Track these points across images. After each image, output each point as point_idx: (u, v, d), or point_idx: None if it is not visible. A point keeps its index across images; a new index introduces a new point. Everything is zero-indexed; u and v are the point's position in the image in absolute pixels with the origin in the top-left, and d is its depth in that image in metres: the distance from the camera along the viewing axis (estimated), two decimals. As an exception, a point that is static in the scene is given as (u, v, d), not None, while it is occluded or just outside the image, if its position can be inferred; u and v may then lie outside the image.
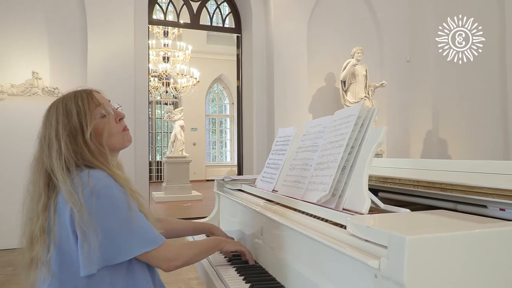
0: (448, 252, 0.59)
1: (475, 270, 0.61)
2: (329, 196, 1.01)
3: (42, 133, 1.03)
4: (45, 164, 1.00)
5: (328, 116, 1.26)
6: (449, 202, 1.14)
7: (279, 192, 1.37)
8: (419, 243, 0.58)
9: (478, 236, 0.62)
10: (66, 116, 1.01)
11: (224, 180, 1.80)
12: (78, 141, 1.00)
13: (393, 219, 0.82)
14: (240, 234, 1.61)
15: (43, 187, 0.99)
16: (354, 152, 1.02)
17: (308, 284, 0.94)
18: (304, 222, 1.00)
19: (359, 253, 0.70)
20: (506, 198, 0.94)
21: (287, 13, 5.86)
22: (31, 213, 1.02)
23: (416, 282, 0.57)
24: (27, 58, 4.65)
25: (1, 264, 3.66)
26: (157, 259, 0.99)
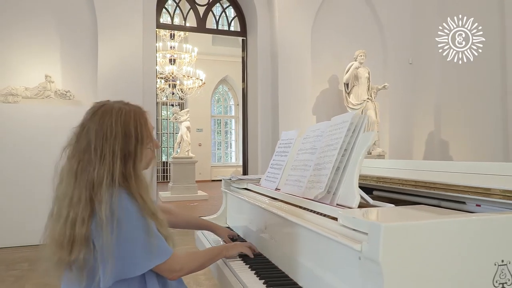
0: (416, 237, 0.73)
1: (438, 252, 0.74)
2: (324, 193, 1.15)
3: (94, 142, 1.07)
4: (92, 176, 1.04)
5: (326, 121, 1.39)
6: (434, 199, 1.27)
7: (281, 190, 1.51)
8: (392, 230, 0.71)
9: (439, 224, 0.75)
10: (124, 136, 1.08)
11: (231, 180, 1.94)
12: (129, 166, 1.07)
13: (376, 212, 0.95)
14: (246, 229, 1.75)
15: (89, 197, 1.03)
16: (347, 154, 1.15)
17: (307, 270, 1.07)
18: (303, 216, 1.13)
19: (347, 239, 0.83)
20: (481, 195, 1.06)
21: (292, 16, 5.99)
22: (73, 216, 1.02)
23: (389, 261, 0.70)
24: (39, 62, 4.82)
25: (17, 260, 3.82)
26: (163, 270, 1.10)
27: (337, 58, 6.23)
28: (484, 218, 0.80)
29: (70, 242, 1.01)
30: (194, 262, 1.21)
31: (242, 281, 1.17)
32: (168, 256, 1.09)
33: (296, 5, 6.01)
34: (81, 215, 1.00)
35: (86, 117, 1.13)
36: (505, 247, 0.79)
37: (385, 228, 0.71)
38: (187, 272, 1.19)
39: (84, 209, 1.01)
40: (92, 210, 1.01)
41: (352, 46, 6.12)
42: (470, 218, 0.79)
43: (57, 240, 1.03)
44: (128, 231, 1.02)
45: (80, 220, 1.00)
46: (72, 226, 1.00)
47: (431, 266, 0.74)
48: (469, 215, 0.84)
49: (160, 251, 1.07)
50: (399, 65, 6.56)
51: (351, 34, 6.36)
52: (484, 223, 0.78)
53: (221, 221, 2.06)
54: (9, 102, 4.53)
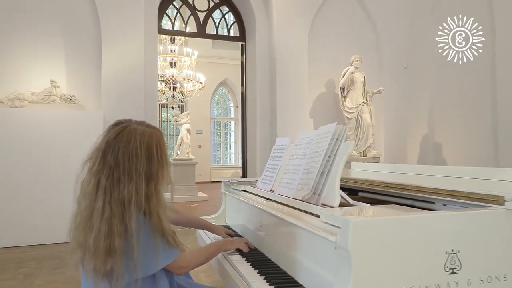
0: (379, 231, 0.89)
1: (398, 243, 0.91)
2: (311, 194, 1.32)
3: (122, 163, 1.18)
4: (123, 194, 1.15)
5: (315, 130, 1.56)
6: (409, 200, 1.44)
7: (275, 192, 1.68)
8: (359, 224, 0.88)
9: (398, 220, 0.92)
10: (147, 158, 1.20)
11: (230, 182, 2.11)
12: (151, 187, 1.20)
13: (351, 210, 1.12)
14: (243, 227, 1.92)
15: (121, 213, 1.14)
16: (331, 160, 1.32)
17: (295, 260, 1.24)
18: (292, 215, 1.30)
19: (326, 233, 1.00)
20: (445, 196, 1.23)
21: (289, 22, 6.16)
22: (107, 229, 1.12)
23: (356, 250, 0.87)
24: (45, 67, 4.98)
25: (26, 259, 3.98)
26: (172, 267, 1.27)
27: (334, 62, 6.40)
28: (436, 215, 0.97)
29: (106, 252, 1.11)
30: (198, 258, 1.39)
31: (240, 271, 1.34)
32: (175, 257, 1.25)
33: (293, 11, 6.18)
34: (118, 229, 1.12)
35: (111, 136, 1.23)
36: (454, 238, 0.95)
37: (353, 223, 0.88)
38: (194, 266, 1.36)
39: (119, 223, 1.13)
40: (125, 225, 1.13)
41: (348, 51, 6.29)
42: (424, 215, 0.96)
43: (91, 249, 1.13)
44: (145, 242, 1.16)
45: (117, 233, 1.12)
46: (106, 238, 1.11)
47: (392, 254, 0.90)
48: (426, 212, 1.01)
49: (169, 254, 1.24)
50: (394, 70, 6.73)
51: (347, 40, 6.54)
52: (436, 219, 0.95)
53: (221, 220, 2.23)
54: (16, 106, 4.69)
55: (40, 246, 4.46)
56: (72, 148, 4.63)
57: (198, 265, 1.40)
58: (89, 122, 4.82)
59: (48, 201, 4.53)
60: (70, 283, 3.22)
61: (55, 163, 4.59)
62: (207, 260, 1.45)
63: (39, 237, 4.50)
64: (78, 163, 3.90)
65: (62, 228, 4.45)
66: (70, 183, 3.88)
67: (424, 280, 0.92)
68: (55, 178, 4.56)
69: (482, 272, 0.98)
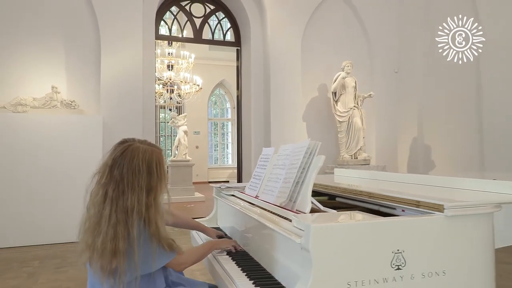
0: (336, 234, 1.08)
1: (352, 244, 1.10)
2: (287, 201, 1.51)
3: (126, 177, 1.36)
4: (127, 204, 1.33)
5: (294, 143, 1.75)
6: (375, 205, 1.63)
7: (259, 198, 1.87)
8: (318, 228, 1.07)
9: (351, 225, 1.11)
10: (148, 174, 1.39)
11: (220, 188, 2.30)
12: (150, 198, 1.38)
13: (318, 216, 1.31)
14: (232, 229, 2.11)
15: (125, 220, 1.32)
16: (305, 172, 1.51)
17: (272, 258, 1.43)
18: (270, 219, 1.49)
19: (294, 235, 1.19)
20: (402, 203, 1.42)
21: (283, 29, 6.36)
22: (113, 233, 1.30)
23: (315, 249, 1.06)
24: (46, 74, 5.17)
25: (29, 258, 4.16)
26: (172, 265, 1.47)
27: (326, 67, 6.59)
28: (383, 221, 1.16)
29: (112, 253, 1.29)
30: (194, 256, 1.59)
31: (226, 269, 1.54)
32: (173, 257, 1.44)
33: (287, 18, 6.38)
34: (122, 233, 1.30)
35: (117, 154, 1.41)
36: (399, 240, 1.14)
37: (313, 227, 1.07)
38: (191, 263, 1.56)
39: (124, 228, 1.31)
40: (128, 231, 1.31)
41: (340, 56, 6.49)
42: (373, 221, 1.16)
43: (98, 250, 1.30)
44: (144, 246, 1.35)
45: (121, 237, 1.30)
46: (112, 241, 1.29)
47: (346, 253, 1.10)
48: (376, 218, 1.20)
49: (168, 255, 1.43)
50: (385, 74, 6.94)
51: (339, 45, 6.74)
52: (383, 225, 1.15)
53: (213, 222, 2.42)
54: (19, 111, 4.87)
55: (43, 246, 4.64)
56: (73, 152, 4.83)
57: (194, 262, 1.59)
58: (88, 126, 5.01)
59: (51, 203, 4.71)
60: (73, 281, 3.40)
61: (57, 166, 4.77)
62: (202, 257, 1.66)
63: (42, 237, 4.69)
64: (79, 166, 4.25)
65: (64, 228, 4.73)
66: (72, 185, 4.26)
67: (373, 275, 1.11)
68: (57, 180, 4.75)
69: (424, 268, 1.17)
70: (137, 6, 5.58)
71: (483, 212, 1.25)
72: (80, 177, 4.48)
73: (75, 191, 3.87)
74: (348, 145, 6.10)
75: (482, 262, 1.27)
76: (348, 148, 6.10)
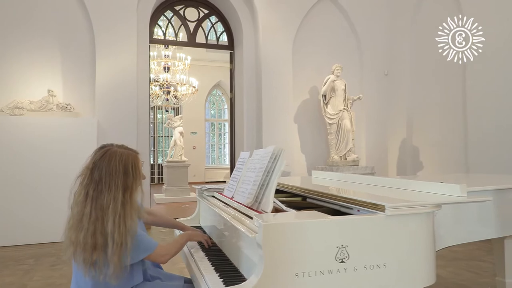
0: (282, 231, 1.23)
1: (300, 240, 1.24)
2: (253, 202, 1.66)
3: (104, 178, 1.51)
4: (103, 202, 1.48)
5: (264, 148, 1.90)
6: (337, 205, 1.78)
7: (234, 199, 2.02)
8: (268, 226, 1.22)
9: (301, 223, 1.26)
10: (124, 174, 1.54)
11: (201, 189, 2.45)
12: (127, 196, 1.53)
13: (275, 215, 1.45)
14: (212, 227, 2.26)
15: (101, 216, 1.48)
16: (269, 175, 1.66)
17: (238, 250, 1.58)
18: (237, 218, 1.64)
19: (251, 232, 1.34)
20: (355, 204, 1.57)
21: (274, 32, 6.50)
22: (93, 229, 1.46)
23: (266, 244, 1.21)
24: (43, 78, 5.32)
25: (24, 257, 4.31)
26: (155, 257, 1.62)
27: (317, 70, 6.74)
28: (328, 220, 1.31)
29: (92, 247, 1.44)
30: (174, 248, 1.74)
31: (197, 263, 1.69)
32: (154, 249, 1.59)
33: (278, 22, 6.52)
34: (100, 229, 1.46)
35: (97, 157, 1.57)
36: (344, 237, 1.29)
37: (264, 225, 1.22)
38: (171, 255, 1.70)
39: (101, 224, 1.46)
40: (104, 226, 1.46)
41: (331, 59, 6.64)
42: (319, 220, 1.30)
43: (81, 245, 1.45)
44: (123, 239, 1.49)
45: (99, 233, 1.45)
46: (93, 236, 1.45)
47: (293, 247, 1.24)
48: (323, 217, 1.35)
49: (149, 247, 1.58)
50: (375, 76, 7.09)
51: (330, 48, 6.89)
52: (328, 223, 1.29)
53: (195, 221, 2.57)
54: (16, 114, 5.02)
55: (38, 244, 4.80)
56: (68, 154, 4.98)
57: (175, 252, 1.74)
58: (83, 128, 5.17)
59: (46, 203, 4.86)
60: (66, 278, 3.56)
61: (52, 167, 4.92)
62: (181, 247, 1.82)
63: (37, 236, 4.84)
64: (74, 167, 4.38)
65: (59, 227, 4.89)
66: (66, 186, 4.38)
67: (319, 267, 1.26)
68: (52, 181, 4.89)
69: (366, 261, 1.31)
70: (132, 11, 5.73)
71: (422, 211, 1.40)
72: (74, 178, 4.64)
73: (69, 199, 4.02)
74: (337, 146, 6.25)
75: (423, 256, 1.41)
76: (337, 150, 6.25)
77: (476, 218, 1.99)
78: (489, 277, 3.45)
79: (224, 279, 1.44)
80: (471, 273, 3.66)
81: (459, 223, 1.83)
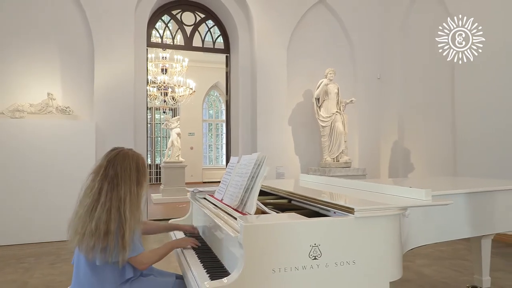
0: (261, 231, 1.39)
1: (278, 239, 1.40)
2: (239, 204, 1.82)
3: (120, 173, 1.72)
4: (120, 194, 1.69)
5: (250, 155, 2.05)
6: (316, 208, 1.93)
7: (223, 201, 2.17)
8: (247, 227, 1.37)
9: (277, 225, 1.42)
10: (136, 171, 1.77)
11: (194, 192, 2.61)
12: (139, 189, 1.76)
13: (257, 217, 1.61)
14: (204, 227, 2.41)
15: (118, 206, 1.67)
16: (254, 180, 1.82)
17: (226, 249, 1.74)
18: (224, 219, 1.79)
19: (234, 232, 1.50)
20: (330, 207, 1.72)
21: (269, 37, 6.66)
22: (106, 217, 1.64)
23: (246, 243, 1.36)
24: (43, 81, 5.46)
25: (25, 255, 4.46)
26: (135, 262, 1.75)
27: (312, 74, 6.89)
28: (302, 221, 1.46)
29: (105, 233, 1.62)
30: (155, 256, 1.86)
31: (187, 259, 1.85)
32: (139, 253, 1.74)
33: (273, 27, 6.68)
34: (114, 217, 1.65)
35: (111, 157, 1.77)
36: (316, 236, 1.44)
37: (244, 226, 1.37)
38: (151, 263, 1.84)
39: (116, 212, 1.66)
40: (120, 214, 1.66)
41: (325, 63, 6.80)
42: (294, 221, 1.46)
43: (91, 232, 1.62)
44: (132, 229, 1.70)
45: (113, 220, 1.64)
46: (105, 223, 1.63)
47: (271, 246, 1.39)
48: (299, 219, 1.50)
49: (135, 249, 1.73)
50: (368, 80, 7.25)
51: (324, 52, 7.04)
52: (302, 224, 1.45)
53: (188, 221, 2.72)
54: (16, 117, 5.16)
55: (38, 243, 4.94)
56: (67, 154, 5.13)
57: (155, 261, 1.87)
58: (82, 130, 5.32)
59: (46, 203, 5.01)
60: (65, 275, 3.70)
61: (52, 168, 5.07)
62: (162, 257, 1.91)
63: (37, 235, 4.99)
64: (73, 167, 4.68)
65: (59, 227, 5.11)
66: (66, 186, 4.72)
67: (294, 263, 1.41)
68: (52, 182, 5.05)
69: (337, 259, 1.47)
70: (130, 15, 5.87)
71: (388, 214, 1.56)
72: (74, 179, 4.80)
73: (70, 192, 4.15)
74: (330, 148, 6.41)
75: (389, 253, 1.57)
76: (330, 152, 6.41)
77: (447, 220, 2.16)
78: (470, 275, 3.61)
79: (210, 274, 1.60)
80: (454, 272, 3.82)
81: (430, 224, 1.99)
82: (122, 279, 1.74)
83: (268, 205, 2.15)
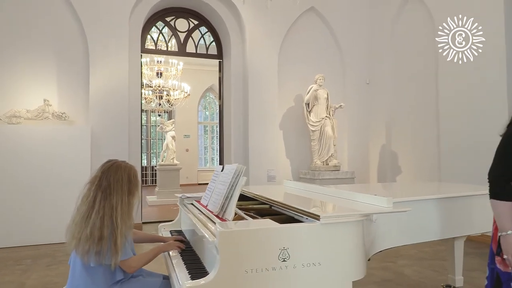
0: (234, 236, 1.56)
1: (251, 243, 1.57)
2: (219, 211, 1.99)
3: (113, 183, 1.87)
4: (112, 202, 1.84)
5: (232, 164, 2.23)
6: (293, 214, 2.10)
7: (208, 207, 2.34)
8: (223, 232, 1.54)
9: (249, 231, 1.59)
10: (128, 181, 1.92)
11: (182, 198, 2.78)
12: (130, 198, 1.92)
13: (234, 223, 1.78)
14: (191, 231, 2.58)
15: (110, 214, 1.83)
16: (233, 188, 1.99)
17: (208, 252, 1.91)
18: (205, 224, 1.97)
19: (212, 237, 1.67)
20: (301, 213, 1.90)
21: (261, 43, 6.84)
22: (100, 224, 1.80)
23: (221, 247, 1.53)
24: (39, 88, 5.62)
25: (21, 257, 4.61)
26: (124, 265, 1.90)
27: (302, 79, 7.07)
28: (273, 227, 1.63)
29: (99, 238, 1.78)
30: (143, 260, 2.01)
31: (173, 262, 2.02)
32: (128, 257, 1.91)
33: (264, 33, 6.86)
34: (107, 223, 1.80)
35: (105, 168, 1.94)
36: (285, 240, 1.61)
37: (220, 231, 1.54)
38: (140, 267, 2.00)
39: (109, 219, 1.82)
40: (112, 221, 1.82)
41: (315, 69, 6.98)
42: (265, 227, 1.63)
43: (86, 237, 1.78)
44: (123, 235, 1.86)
45: (106, 226, 1.80)
46: (99, 229, 1.79)
47: (243, 249, 1.56)
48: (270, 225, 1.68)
49: (125, 253, 1.89)
50: (357, 85, 7.44)
51: (314, 58, 7.23)
52: (273, 230, 1.62)
53: (177, 225, 2.90)
54: (13, 123, 5.31)
55: (35, 246, 5.09)
56: (63, 159, 5.29)
57: (143, 265, 2.03)
58: (78, 136, 5.48)
59: (43, 206, 5.17)
60: (61, 277, 3.86)
61: (48, 173, 5.22)
62: (150, 261, 2.06)
63: (34, 238, 5.14)
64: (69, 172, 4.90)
65: (55, 229, 5.35)
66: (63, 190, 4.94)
67: (264, 265, 1.58)
68: (48, 186, 5.20)
69: (304, 260, 1.64)
70: (124, 22, 6.03)
71: (351, 220, 1.74)
72: (70, 183, 4.97)
73: (66, 196, 4.33)
74: (320, 152, 6.59)
75: (353, 256, 1.74)
76: (320, 155, 6.59)
77: (414, 223, 2.33)
78: (447, 275, 3.80)
79: (192, 275, 1.77)
80: (432, 272, 4.01)
81: (394, 228, 2.17)
82: (113, 280, 1.91)
83: (251, 210, 2.33)
